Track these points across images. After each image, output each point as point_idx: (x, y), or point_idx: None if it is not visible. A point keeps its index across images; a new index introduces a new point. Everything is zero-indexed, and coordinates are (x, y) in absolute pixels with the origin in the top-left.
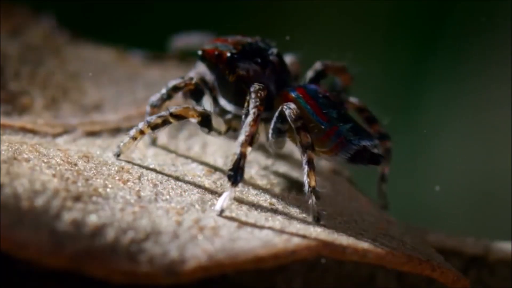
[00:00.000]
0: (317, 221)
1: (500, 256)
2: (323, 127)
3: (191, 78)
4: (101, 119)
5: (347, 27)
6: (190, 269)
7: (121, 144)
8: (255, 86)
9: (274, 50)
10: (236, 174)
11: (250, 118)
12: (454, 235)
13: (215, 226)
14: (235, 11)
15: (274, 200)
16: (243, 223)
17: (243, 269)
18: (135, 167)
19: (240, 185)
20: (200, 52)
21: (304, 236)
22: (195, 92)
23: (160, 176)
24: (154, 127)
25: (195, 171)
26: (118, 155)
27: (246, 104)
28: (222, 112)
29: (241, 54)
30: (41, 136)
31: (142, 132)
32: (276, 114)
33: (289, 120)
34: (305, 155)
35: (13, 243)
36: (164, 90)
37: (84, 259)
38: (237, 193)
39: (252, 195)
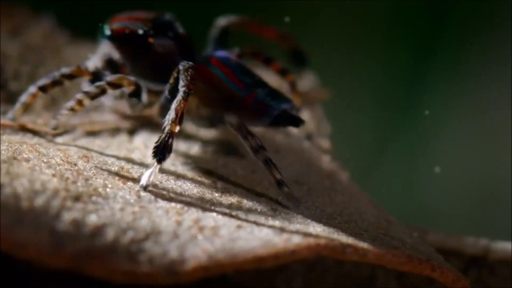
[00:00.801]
0: (298, 206)
1: (500, 256)
2: (241, 94)
3: (87, 68)
4: (101, 119)
5: (347, 27)
6: (190, 269)
7: (59, 116)
8: (184, 64)
9: (178, 23)
10: (162, 151)
11: (179, 97)
12: (454, 235)
13: (215, 226)
14: (235, 11)
15: (274, 200)
16: (243, 223)
17: (243, 269)
18: (135, 167)
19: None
20: (108, 32)
21: (304, 236)
22: (94, 81)
23: (160, 175)
24: (94, 97)
25: (195, 171)
26: (55, 128)
27: (171, 81)
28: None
29: (153, 30)
30: (41, 136)
31: (81, 103)
32: (213, 117)
33: (232, 130)
34: (259, 156)
35: (13, 243)
36: (56, 75)
37: (84, 259)
38: (236, 193)
39: (252, 194)
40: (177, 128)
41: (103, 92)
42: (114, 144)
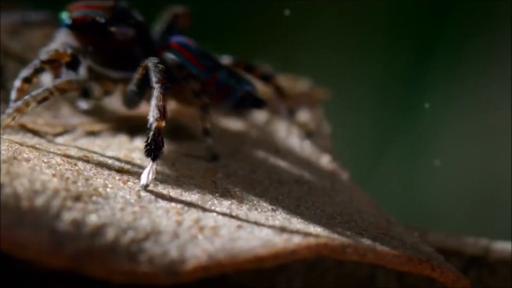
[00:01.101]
0: (214, 159)
1: (500, 256)
2: (203, 77)
3: (65, 50)
4: (101, 119)
5: (347, 27)
6: (190, 269)
7: (4, 115)
8: (152, 60)
9: (135, 11)
10: (155, 148)
11: (157, 93)
12: (454, 235)
13: (215, 226)
14: (234, 11)
15: (274, 200)
16: (243, 223)
17: (243, 269)
18: (135, 167)
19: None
20: (68, 21)
21: (304, 236)
22: (71, 63)
23: (160, 176)
24: (40, 101)
25: (196, 171)
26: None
27: (138, 76)
28: (96, 78)
29: (114, 19)
30: (41, 136)
31: (28, 105)
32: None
33: (174, 71)
34: (198, 101)
35: (13, 243)
36: (37, 63)
37: (84, 259)
38: (236, 193)
39: (252, 194)
40: (163, 124)
41: (49, 96)
42: (114, 144)
